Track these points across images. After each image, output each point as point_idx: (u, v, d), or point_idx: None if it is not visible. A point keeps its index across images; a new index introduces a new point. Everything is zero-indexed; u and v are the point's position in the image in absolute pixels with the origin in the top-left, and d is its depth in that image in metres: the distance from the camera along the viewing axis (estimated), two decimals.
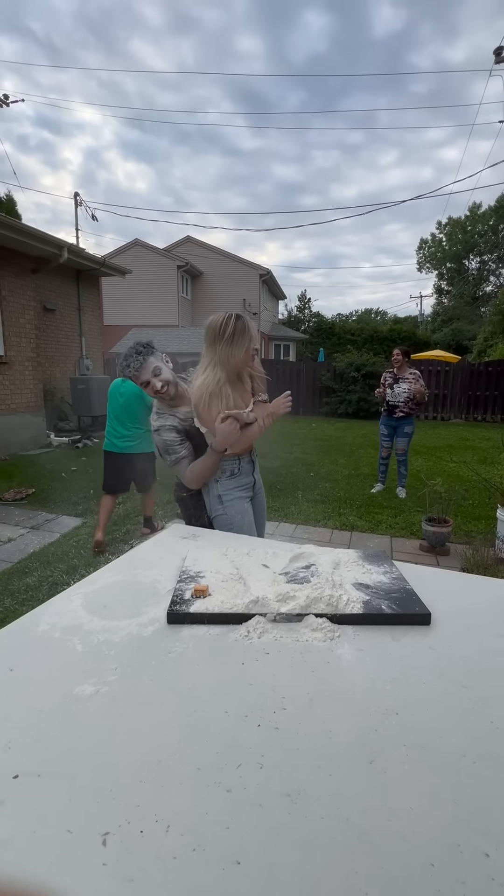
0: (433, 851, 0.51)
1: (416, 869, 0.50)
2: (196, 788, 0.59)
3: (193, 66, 58.78)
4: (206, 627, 0.94)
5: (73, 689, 0.76)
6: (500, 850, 0.52)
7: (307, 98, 70.22)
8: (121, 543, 3.53)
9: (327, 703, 0.74)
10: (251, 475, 1.72)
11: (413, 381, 4.47)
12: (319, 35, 61.27)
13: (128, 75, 57.67)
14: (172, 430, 1.63)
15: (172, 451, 1.62)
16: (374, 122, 59.31)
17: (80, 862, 0.50)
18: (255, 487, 1.77)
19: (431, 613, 0.98)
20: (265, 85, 67.07)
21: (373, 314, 49.82)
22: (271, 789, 0.59)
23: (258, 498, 1.80)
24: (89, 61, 56.31)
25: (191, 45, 60.66)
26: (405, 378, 4.52)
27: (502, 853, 0.51)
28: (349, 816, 0.56)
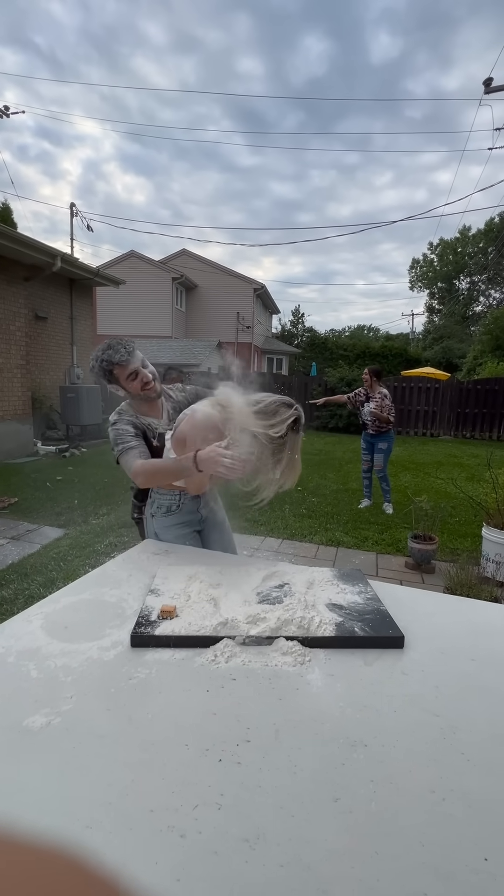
0: None
1: None
2: (147, 834, 0.54)
3: (195, 84, 60.19)
4: (171, 651, 0.90)
5: (22, 720, 0.71)
6: None
7: (305, 119, 72.17)
8: (103, 556, 3.46)
9: (293, 734, 0.71)
10: (196, 512, 1.58)
11: (379, 399, 4.57)
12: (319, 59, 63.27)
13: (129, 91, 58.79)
14: (130, 425, 1.49)
15: (122, 440, 1.45)
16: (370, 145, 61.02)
17: None
18: (205, 522, 1.63)
19: (405, 636, 0.95)
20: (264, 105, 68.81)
21: (365, 330, 50.55)
22: (229, 833, 0.55)
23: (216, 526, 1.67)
24: (92, 76, 57.37)
25: (192, 64, 62.20)
26: (374, 397, 4.63)
27: None
28: (310, 864, 0.52)
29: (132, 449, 1.44)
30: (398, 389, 11.60)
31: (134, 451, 1.44)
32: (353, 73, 60.59)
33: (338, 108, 67.98)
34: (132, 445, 1.45)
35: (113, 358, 1.47)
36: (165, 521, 1.52)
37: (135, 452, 1.43)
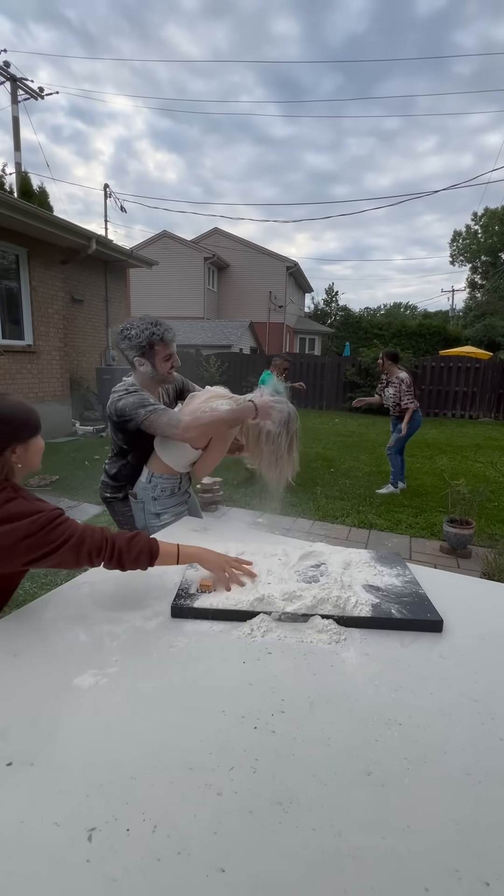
0: (429, 875, 0.49)
1: (409, 892, 0.47)
2: (186, 789, 0.58)
3: (227, 51, 58.17)
4: (209, 623, 0.93)
5: (72, 679, 0.76)
6: (501, 879, 0.48)
7: (343, 82, 68.48)
8: None
9: (328, 708, 0.72)
10: (186, 492, 1.71)
11: (396, 385, 4.44)
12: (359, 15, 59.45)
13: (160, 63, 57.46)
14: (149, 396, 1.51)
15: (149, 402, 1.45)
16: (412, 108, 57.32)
17: (65, 856, 0.50)
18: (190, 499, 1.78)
19: (444, 620, 0.94)
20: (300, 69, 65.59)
21: (402, 308, 48.68)
22: (263, 796, 0.57)
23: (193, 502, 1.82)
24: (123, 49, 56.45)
25: (225, 29, 59.97)
26: (392, 382, 4.51)
27: (502, 884, 0.48)
28: (342, 830, 0.53)
29: (164, 410, 1.44)
30: (435, 370, 11.17)
31: (169, 411, 1.45)
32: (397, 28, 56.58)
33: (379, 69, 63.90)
34: (162, 407, 1.46)
35: (165, 335, 1.50)
36: (168, 501, 1.61)
37: (171, 412, 1.45)
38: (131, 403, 1.46)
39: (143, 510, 1.61)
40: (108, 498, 1.74)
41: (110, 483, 1.74)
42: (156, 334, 1.50)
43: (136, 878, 0.48)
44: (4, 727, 0.66)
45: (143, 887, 0.47)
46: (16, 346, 6.75)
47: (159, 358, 1.53)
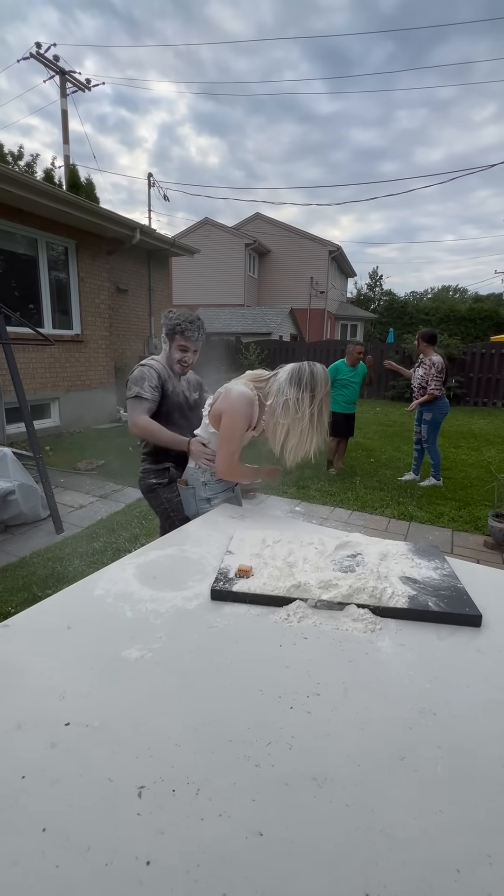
0: (460, 857, 0.50)
1: (439, 871, 0.49)
2: (226, 759, 0.62)
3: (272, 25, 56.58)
4: (247, 606, 0.97)
5: (121, 651, 0.82)
6: None
7: (394, 50, 65.03)
8: None
9: (362, 694, 0.74)
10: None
11: (427, 367, 4.25)
12: None
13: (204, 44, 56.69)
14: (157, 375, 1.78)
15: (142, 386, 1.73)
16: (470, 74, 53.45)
17: (118, 808, 0.55)
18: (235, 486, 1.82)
19: (483, 615, 0.93)
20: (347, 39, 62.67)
21: (450, 292, 46.37)
22: (298, 770, 0.60)
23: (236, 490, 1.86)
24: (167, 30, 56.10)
25: (269, 2, 58.05)
26: (423, 363, 4.31)
27: None
28: (374, 808, 0.56)
29: (145, 401, 1.72)
30: (485, 357, 10.62)
31: (146, 404, 1.72)
32: None
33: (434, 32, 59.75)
34: (147, 398, 1.72)
35: (187, 330, 1.77)
36: (217, 486, 1.67)
37: (146, 405, 1.72)
38: (135, 376, 1.76)
39: (194, 496, 1.66)
40: (154, 485, 1.81)
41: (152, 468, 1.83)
42: (180, 325, 1.76)
43: (182, 832, 0.52)
44: (63, 691, 0.73)
45: (188, 842, 0.51)
46: (65, 336, 7.04)
47: (175, 345, 1.80)
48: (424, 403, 4.36)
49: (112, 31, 57.84)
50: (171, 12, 56.17)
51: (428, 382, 4.27)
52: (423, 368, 4.36)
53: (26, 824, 0.53)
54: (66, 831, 0.52)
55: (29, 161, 17.39)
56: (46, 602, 0.99)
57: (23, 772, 0.59)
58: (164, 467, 1.82)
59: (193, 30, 55.85)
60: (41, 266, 6.59)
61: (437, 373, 4.22)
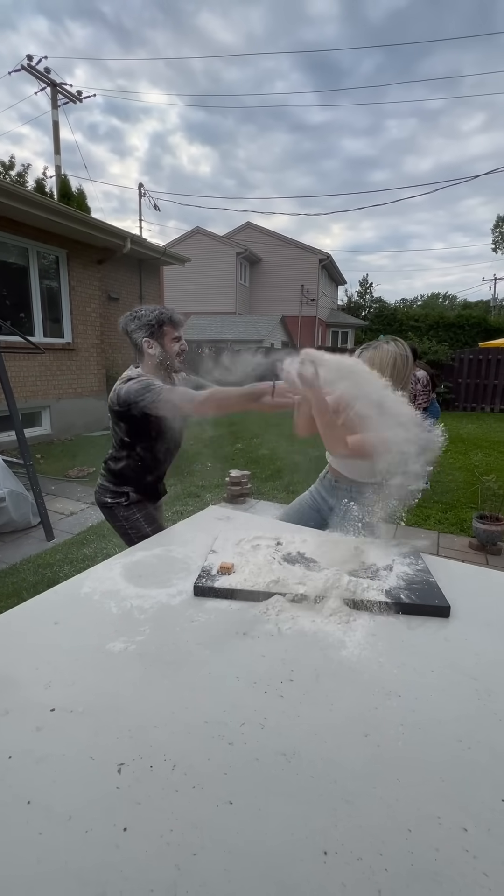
0: (412, 819, 0.55)
1: (392, 832, 0.53)
2: (202, 738, 0.66)
3: (262, 35, 57.31)
4: (228, 602, 1.01)
5: (105, 644, 0.86)
6: (479, 826, 0.54)
7: (383, 61, 66.29)
8: (169, 523, 3.72)
9: (332, 679, 0.79)
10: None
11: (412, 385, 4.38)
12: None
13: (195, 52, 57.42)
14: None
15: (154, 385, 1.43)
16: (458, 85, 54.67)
17: (98, 783, 0.59)
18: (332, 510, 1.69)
19: (451, 606, 0.98)
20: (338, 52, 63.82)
21: (440, 299, 47.05)
22: (269, 747, 0.65)
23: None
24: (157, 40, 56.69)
25: (260, 12, 59.10)
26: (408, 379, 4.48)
27: (481, 829, 0.53)
28: (337, 779, 0.60)
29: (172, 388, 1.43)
30: (473, 362, 10.80)
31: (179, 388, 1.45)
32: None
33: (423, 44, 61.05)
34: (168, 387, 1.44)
35: (173, 316, 1.55)
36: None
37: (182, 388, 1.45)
38: (135, 389, 1.42)
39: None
40: (109, 503, 1.61)
41: (110, 487, 1.61)
42: (164, 314, 1.52)
43: (157, 802, 0.56)
44: (49, 681, 0.76)
45: (162, 811, 0.55)
46: (56, 344, 7.06)
47: (168, 339, 1.53)
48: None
49: (102, 40, 58.28)
50: (162, 22, 56.94)
51: (416, 397, 4.39)
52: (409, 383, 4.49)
53: (11, 798, 0.56)
54: (48, 804, 0.56)
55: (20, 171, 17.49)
56: (33, 601, 1.03)
57: (9, 752, 0.63)
58: (123, 491, 1.61)
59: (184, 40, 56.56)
60: (32, 275, 6.63)
61: (423, 387, 4.37)
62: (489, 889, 0.48)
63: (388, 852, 0.51)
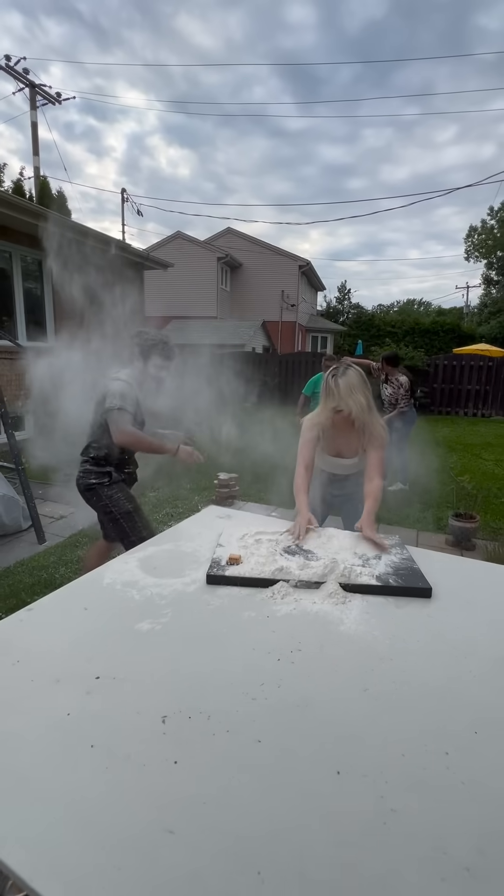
0: (405, 747, 0.69)
1: (390, 757, 0.67)
2: (229, 695, 0.78)
3: (241, 40, 57.60)
4: (238, 588, 1.13)
5: (133, 624, 0.97)
6: (457, 751, 0.68)
7: (361, 71, 67.67)
8: (161, 525, 3.80)
9: (335, 648, 0.92)
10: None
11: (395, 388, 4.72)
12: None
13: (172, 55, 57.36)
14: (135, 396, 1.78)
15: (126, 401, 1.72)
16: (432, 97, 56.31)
17: (147, 731, 0.70)
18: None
19: (433, 588, 1.13)
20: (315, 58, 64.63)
21: (415, 305, 48.26)
22: (285, 701, 0.78)
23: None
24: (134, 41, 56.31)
25: (238, 17, 59.40)
26: (391, 383, 4.80)
27: (458, 753, 0.68)
28: (342, 723, 0.73)
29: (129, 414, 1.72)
30: (447, 368, 11.21)
31: (130, 416, 1.73)
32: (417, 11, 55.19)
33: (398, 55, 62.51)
34: (130, 411, 1.73)
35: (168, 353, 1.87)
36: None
37: (130, 418, 1.73)
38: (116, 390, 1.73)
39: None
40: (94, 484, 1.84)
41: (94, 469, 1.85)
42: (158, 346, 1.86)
43: (199, 743, 0.68)
44: (90, 655, 0.87)
45: (204, 749, 0.67)
46: (39, 348, 7.03)
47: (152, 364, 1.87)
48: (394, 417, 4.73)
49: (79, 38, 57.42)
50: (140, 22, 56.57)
51: (398, 400, 4.64)
52: (391, 387, 4.74)
53: (76, 742, 0.68)
54: (109, 746, 0.67)
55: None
56: (59, 591, 1.13)
57: (67, 710, 0.74)
58: (106, 471, 1.86)
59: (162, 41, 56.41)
60: (15, 279, 6.60)
61: (406, 391, 4.62)
62: (466, 792, 0.62)
63: (387, 771, 0.65)
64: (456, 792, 0.62)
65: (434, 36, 53.72)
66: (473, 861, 0.53)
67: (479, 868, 0.52)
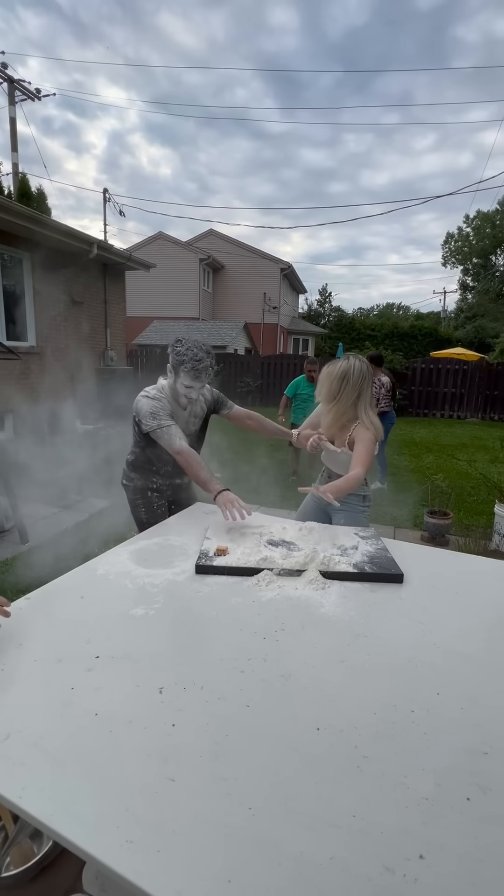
0: (376, 706, 0.78)
1: (363, 715, 0.76)
2: (220, 669, 0.86)
3: (224, 41, 57.49)
4: (225, 577, 1.21)
5: (128, 610, 1.04)
6: (421, 709, 0.78)
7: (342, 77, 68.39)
8: None
9: (315, 628, 1.01)
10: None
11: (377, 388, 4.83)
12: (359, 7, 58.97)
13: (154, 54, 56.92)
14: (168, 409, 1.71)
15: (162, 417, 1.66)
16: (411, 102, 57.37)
17: (146, 699, 0.78)
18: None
19: (404, 574, 1.23)
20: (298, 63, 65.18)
21: (395, 309, 49.20)
22: (271, 672, 0.86)
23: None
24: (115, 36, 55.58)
25: (221, 17, 59.22)
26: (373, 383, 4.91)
27: (422, 711, 0.77)
28: (323, 688, 0.82)
29: (171, 427, 1.66)
30: (425, 371, 11.53)
31: (175, 430, 1.65)
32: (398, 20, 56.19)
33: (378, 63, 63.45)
34: (171, 424, 1.66)
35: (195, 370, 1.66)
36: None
37: (176, 432, 1.66)
38: (145, 410, 1.68)
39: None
40: (124, 483, 1.96)
41: (126, 471, 1.95)
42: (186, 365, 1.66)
43: (194, 708, 0.76)
44: (89, 637, 0.94)
45: (200, 713, 0.75)
46: (20, 348, 6.96)
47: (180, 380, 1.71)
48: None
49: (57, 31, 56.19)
50: (121, 18, 55.99)
51: (379, 400, 4.75)
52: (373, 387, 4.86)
53: (82, 712, 0.74)
54: (112, 713, 0.74)
55: None
56: (55, 582, 1.19)
57: (71, 685, 0.80)
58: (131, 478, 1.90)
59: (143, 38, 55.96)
60: None
61: (387, 391, 4.73)
62: (427, 740, 0.71)
63: (360, 726, 0.74)
64: (419, 740, 0.71)
65: (413, 45, 54.92)
66: (431, 792, 0.62)
67: (436, 797, 0.61)
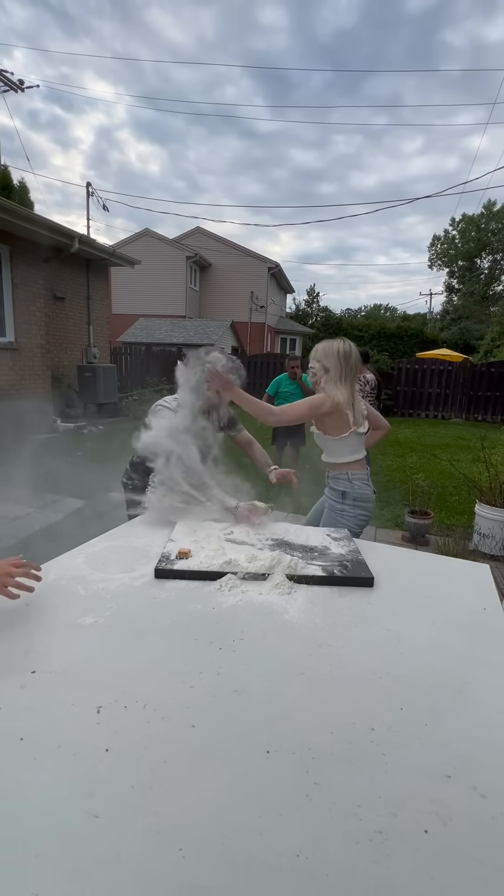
0: (334, 724, 0.71)
1: (318, 734, 0.70)
2: (167, 684, 0.79)
3: (213, 38, 57.05)
4: (186, 582, 1.14)
5: (76, 619, 0.96)
6: (382, 726, 0.71)
7: (331, 78, 68.64)
8: None
9: (276, 636, 0.94)
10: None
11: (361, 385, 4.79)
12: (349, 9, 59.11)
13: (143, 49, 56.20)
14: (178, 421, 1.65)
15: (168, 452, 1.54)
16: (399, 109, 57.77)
17: (81, 721, 0.70)
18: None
19: (375, 578, 1.17)
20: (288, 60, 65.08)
21: (382, 310, 49.56)
22: (223, 687, 0.79)
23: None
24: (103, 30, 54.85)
25: (211, 15, 58.76)
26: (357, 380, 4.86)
27: (383, 728, 0.71)
28: (278, 704, 0.76)
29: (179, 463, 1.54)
30: (410, 371, 11.59)
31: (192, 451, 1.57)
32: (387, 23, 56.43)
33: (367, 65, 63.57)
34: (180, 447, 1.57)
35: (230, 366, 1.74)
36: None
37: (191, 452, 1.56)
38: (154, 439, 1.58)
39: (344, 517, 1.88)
40: (123, 482, 2.02)
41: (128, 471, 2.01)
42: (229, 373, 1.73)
43: (132, 730, 0.69)
44: (27, 649, 0.86)
45: (137, 735, 0.68)
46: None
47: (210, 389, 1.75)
48: None
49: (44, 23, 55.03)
50: (109, 12, 55.05)
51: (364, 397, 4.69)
52: (357, 383, 4.78)
53: (5, 736, 0.67)
54: (39, 738, 0.67)
55: None
56: None
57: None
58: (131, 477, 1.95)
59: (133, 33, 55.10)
60: None
61: (371, 389, 4.66)
62: (386, 763, 0.65)
63: (315, 747, 0.67)
64: (376, 763, 0.65)
65: (402, 48, 55.34)
66: (386, 824, 0.56)
67: (391, 830, 0.55)
